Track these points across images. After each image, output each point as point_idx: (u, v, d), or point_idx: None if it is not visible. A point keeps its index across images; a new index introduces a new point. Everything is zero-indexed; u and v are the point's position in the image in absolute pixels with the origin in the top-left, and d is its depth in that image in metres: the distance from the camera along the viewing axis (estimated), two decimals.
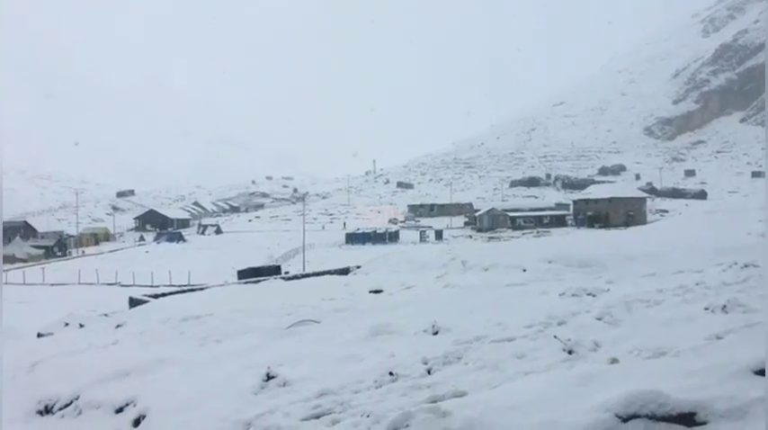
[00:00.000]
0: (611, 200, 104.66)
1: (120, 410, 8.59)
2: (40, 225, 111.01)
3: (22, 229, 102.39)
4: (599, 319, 8.74)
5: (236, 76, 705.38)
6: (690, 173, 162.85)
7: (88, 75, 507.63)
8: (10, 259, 77.40)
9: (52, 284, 56.26)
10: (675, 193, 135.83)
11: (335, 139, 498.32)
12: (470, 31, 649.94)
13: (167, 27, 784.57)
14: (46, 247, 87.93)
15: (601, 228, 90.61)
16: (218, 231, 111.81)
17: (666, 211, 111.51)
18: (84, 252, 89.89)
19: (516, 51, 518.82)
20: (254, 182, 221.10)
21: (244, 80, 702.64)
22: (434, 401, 5.63)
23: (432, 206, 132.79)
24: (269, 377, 7.84)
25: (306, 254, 63.57)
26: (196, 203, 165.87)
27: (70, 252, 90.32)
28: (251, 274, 37.35)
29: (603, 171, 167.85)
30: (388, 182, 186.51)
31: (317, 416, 6.32)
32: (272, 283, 28.09)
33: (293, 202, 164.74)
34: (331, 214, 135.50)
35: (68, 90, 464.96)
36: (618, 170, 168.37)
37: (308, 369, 8.36)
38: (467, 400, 5.38)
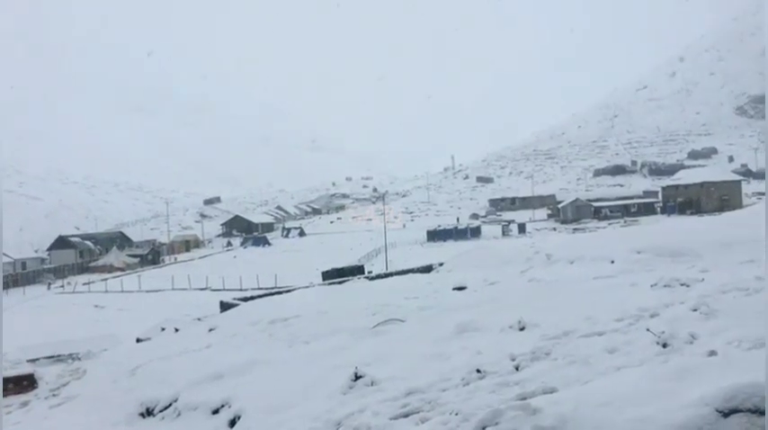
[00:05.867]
0: (702, 184, 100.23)
1: (216, 411, 8.91)
2: (135, 235, 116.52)
3: (119, 240, 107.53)
4: (694, 310, 8.38)
5: (311, 80, 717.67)
6: None
7: (172, 87, 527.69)
8: (108, 268, 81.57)
9: (148, 291, 58.68)
10: None
11: (412, 137, 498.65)
12: (543, 22, 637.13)
13: (246, 36, 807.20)
14: (141, 256, 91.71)
15: (693, 214, 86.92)
16: (302, 234, 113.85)
17: (764, 194, 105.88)
18: (176, 259, 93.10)
19: (572, 33, 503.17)
20: (334, 183, 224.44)
21: (320, 84, 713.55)
22: (524, 398, 5.55)
23: (513, 199, 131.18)
24: (357, 377, 7.93)
25: (388, 253, 63.90)
26: (279, 207, 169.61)
27: (163, 259, 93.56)
28: (335, 275, 37.63)
29: (693, 155, 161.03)
30: (467, 177, 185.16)
31: (406, 415, 6.35)
32: (356, 283, 28.29)
33: (373, 202, 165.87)
34: (411, 212, 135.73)
35: (155, 103, 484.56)
36: (709, 153, 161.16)
37: (395, 368, 8.41)
38: (557, 397, 5.28)
